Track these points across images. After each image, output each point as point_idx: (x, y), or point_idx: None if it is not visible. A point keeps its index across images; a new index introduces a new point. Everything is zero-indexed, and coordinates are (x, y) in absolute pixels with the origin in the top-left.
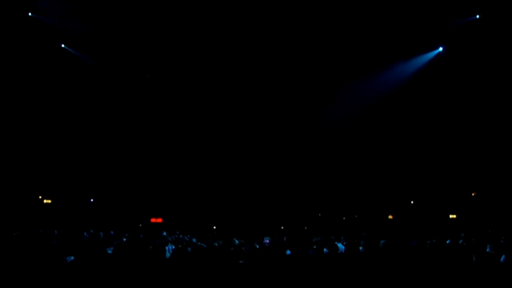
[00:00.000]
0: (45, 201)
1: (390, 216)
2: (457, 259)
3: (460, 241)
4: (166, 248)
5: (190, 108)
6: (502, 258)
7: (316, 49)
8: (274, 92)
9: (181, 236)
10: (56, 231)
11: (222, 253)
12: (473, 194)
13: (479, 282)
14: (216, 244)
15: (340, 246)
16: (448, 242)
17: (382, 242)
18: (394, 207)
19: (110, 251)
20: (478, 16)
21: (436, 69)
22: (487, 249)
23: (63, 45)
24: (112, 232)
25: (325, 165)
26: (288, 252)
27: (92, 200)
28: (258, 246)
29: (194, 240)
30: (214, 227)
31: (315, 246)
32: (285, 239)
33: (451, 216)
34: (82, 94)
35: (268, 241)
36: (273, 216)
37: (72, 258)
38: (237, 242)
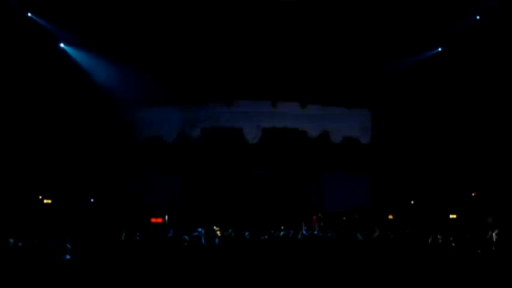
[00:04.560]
0: (45, 201)
1: (390, 216)
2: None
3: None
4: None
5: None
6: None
7: (314, 51)
8: (276, 88)
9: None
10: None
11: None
12: (473, 194)
13: None
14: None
15: None
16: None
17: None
18: (394, 207)
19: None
20: (478, 17)
21: (436, 69)
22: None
23: (62, 45)
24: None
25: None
26: None
27: (92, 200)
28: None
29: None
30: (215, 227)
31: None
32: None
33: (451, 216)
34: (81, 94)
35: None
36: (272, 215)
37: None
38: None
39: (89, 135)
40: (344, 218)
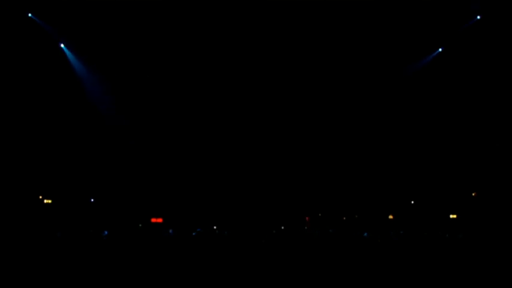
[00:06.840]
0: (45, 201)
1: (390, 216)
2: None
3: None
4: None
5: (191, 107)
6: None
7: (317, 50)
8: (278, 90)
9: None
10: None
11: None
12: (473, 194)
13: None
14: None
15: None
16: None
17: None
18: (394, 207)
19: None
20: (478, 17)
21: (437, 70)
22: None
23: (62, 45)
24: None
25: (326, 166)
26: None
27: (92, 200)
28: None
29: None
30: (215, 227)
31: None
32: None
33: (451, 216)
34: (81, 94)
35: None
36: (273, 216)
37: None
38: None
39: (88, 135)
40: (344, 218)
